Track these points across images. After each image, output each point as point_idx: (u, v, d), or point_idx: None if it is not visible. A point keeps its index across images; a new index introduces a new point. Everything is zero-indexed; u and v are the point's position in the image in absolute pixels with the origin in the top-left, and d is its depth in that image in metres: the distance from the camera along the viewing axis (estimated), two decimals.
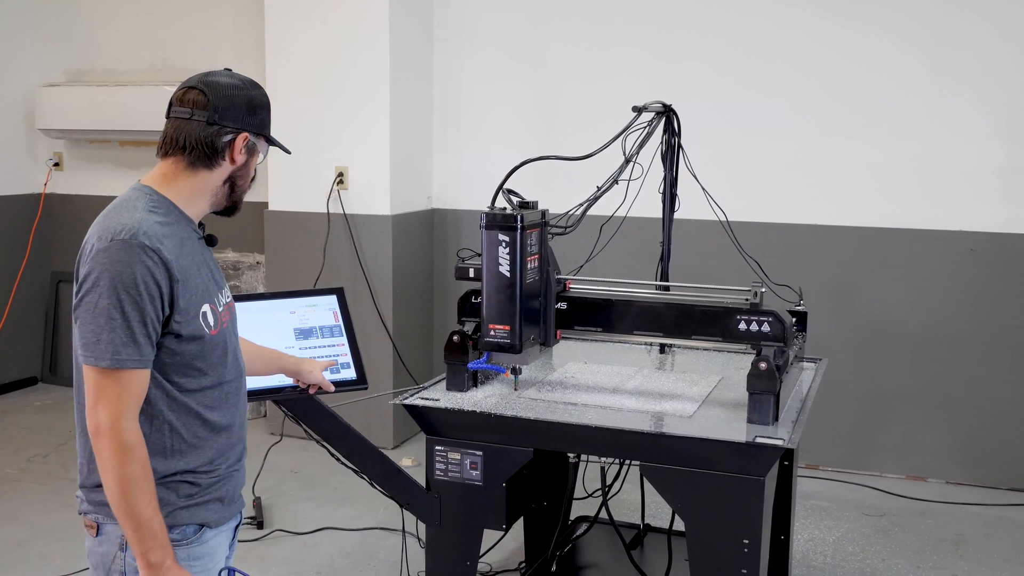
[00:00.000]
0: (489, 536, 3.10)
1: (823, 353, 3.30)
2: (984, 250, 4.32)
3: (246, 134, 1.81)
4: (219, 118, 1.77)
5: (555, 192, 2.79)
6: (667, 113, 3.02)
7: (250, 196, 1.98)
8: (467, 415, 2.58)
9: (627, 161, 2.83)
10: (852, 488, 4.40)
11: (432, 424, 2.64)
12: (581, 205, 2.75)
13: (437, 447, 2.63)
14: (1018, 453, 4.36)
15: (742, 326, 2.55)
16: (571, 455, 2.70)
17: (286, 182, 4.85)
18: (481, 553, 3.46)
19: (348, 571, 3.55)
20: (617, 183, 2.81)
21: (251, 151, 1.84)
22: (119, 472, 1.65)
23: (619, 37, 4.73)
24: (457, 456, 2.61)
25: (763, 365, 2.44)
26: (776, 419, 2.46)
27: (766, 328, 2.53)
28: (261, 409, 5.10)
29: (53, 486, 4.35)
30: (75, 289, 1.70)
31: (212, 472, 1.82)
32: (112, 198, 1.79)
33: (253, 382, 2.39)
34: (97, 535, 1.79)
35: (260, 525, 3.87)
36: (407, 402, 2.65)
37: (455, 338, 2.71)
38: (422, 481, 2.70)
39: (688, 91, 4.36)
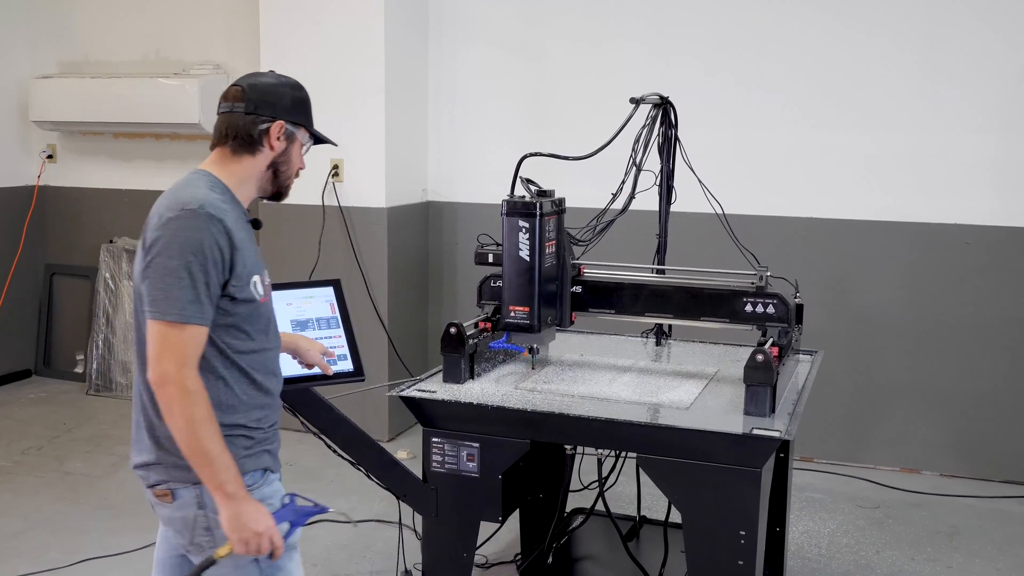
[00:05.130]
0: (485, 528, 3.10)
1: (818, 345, 3.31)
2: (978, 243, 4.33)
3: (282, 122, 2.00)
4: (255, 108, 1.98)
5: (553, 183, 2.80)
6: (664, 105, 3.02)
7: None
8: (464, 407, 2.58)
9: (638, 169, 2.94)
10: (846, 480, 4.41)
11: (429, 416, 2.64)
12: (598, 218, 2.93)
13: (434, 439, 2.62)
14: (1012, 445, 4.38)
15: (748, 308, 2.73)
16: (568, 447, 2.70)
17: None
18: (477, 545, 3.48)
19: (345, 563, 3.55)
20: (635, 196, 2.95)
21: (290, 139, 2.03)
22: (188, 414, 1.81)
23: (614, 31, 4.73)
24: (454, 448, 2.61)
25: (760, 357, 2.44)
26: (773, 411, 2.47)
27: (771, 310, 2.71)
28: None
29: (47, 478, 4.34)
30: (142, 254, 1.87)
31: (260, 428, 2.00)
32: (106, 190, 1.85)
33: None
34: (173, 500, 1.93)
35: None
36: (404, 394, 2.65)
37: (452, 330, 2.71)
38: (418, 473, 2.70)
39: (683, 85, 4.35)
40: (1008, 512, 4.09)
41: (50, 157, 5.85)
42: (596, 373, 2.87)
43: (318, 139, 2.11)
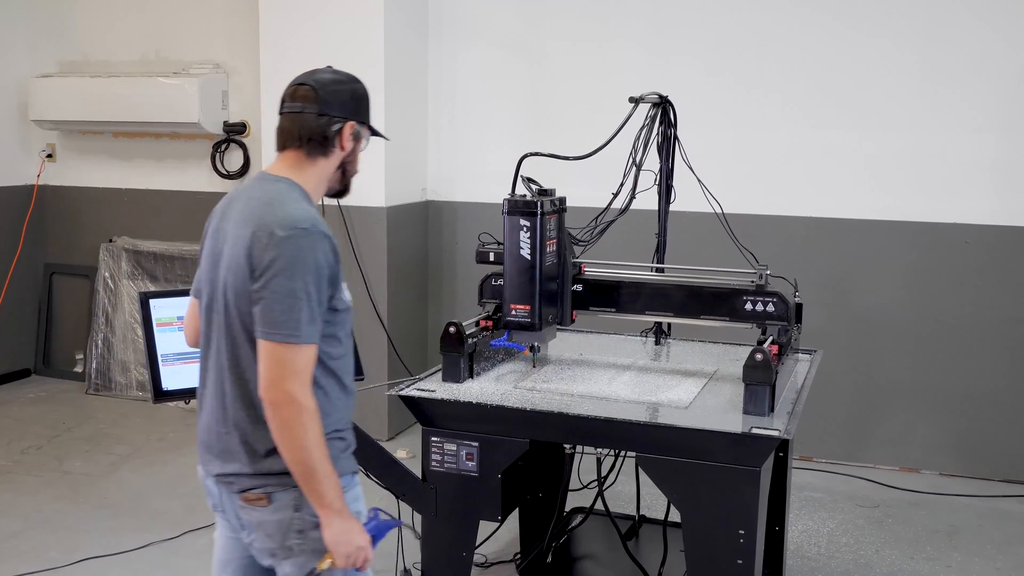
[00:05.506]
0: (484, 527, 3.10)
1: (818, 345, 3.31)
2: (978, 242, 4.33)
3: (352, 123, 2.00)
4: (327, 109, 1.96)
5: (554, 183, 2.81)
6: (663, 104, 3.02)
7: None
8: (463, 406, 2.58)
9: (638, 168, 2.95)
10: (846, 480, 4.41)
11: (428, 415, 2.64)
12: (598, 218, 2.94)
13: (433, 438, 2.63)
14: (1011, 445, 4.38)
15: (748, 306, 2.75)
16: (567, 446, 2.70)
17: None
18: (476, 544, 3.48)
19: None
20: (635, 196, 2.96)
21: (357, 138, 2.03)
22: (308, 435, 1.83)
23: (614, 31, 4.73)
24: (453, 447, 2.61)
25: (759, 356, 2.44)
26: (772, 410, 2.47)
27: (771, 308, 2.72)
28: None
29: (47, 478, 4.33)
30: (256, 274, 1.84)
31: (347, 428, 2.04)
32: (105, 189, 1.83)
33: None
34: (270, 504, 1.93)
35: None
36: (403, 393, 2.65)
37: (451, 329, 2.71)
38: (417, 472, 2.70)
39: (683, 84, 4.35)
40: (1007, 511, 4.09)
41: (50, 156, 5.84)
42: (595, 372, 2.87)
43: (374, 133, 2.10)
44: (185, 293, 2.19)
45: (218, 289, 1.93)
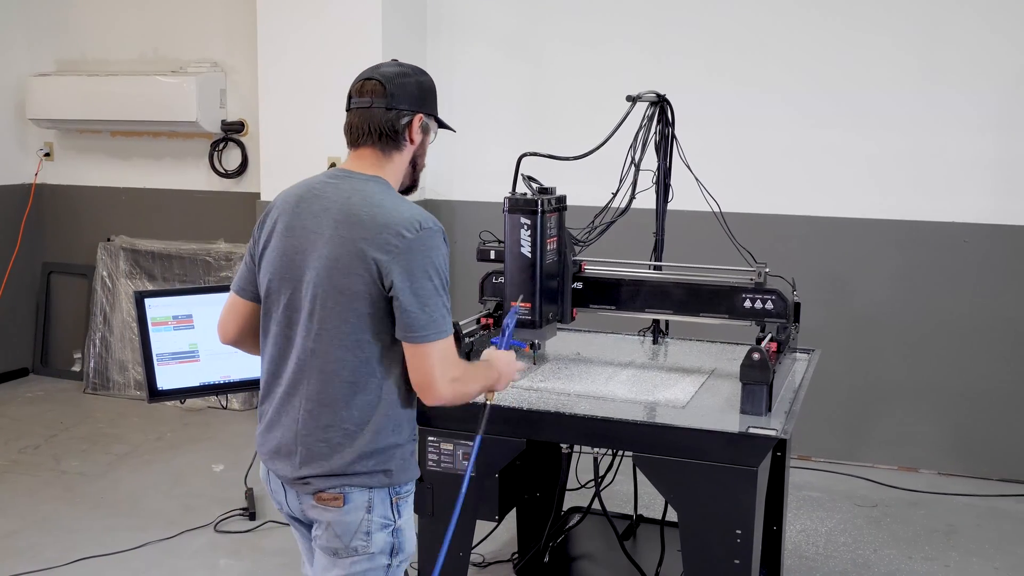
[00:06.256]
0: (482, 527, 3.09)
1: (816, 344, 3.30)
2: (977, 241, 4.32)
3: (420, 115, 1.98)
4: (396, 103, 1.94)
5: (553, 181, 2.81)
6: (661, 103, 3.01)
7: (243, 187, 2.00)
8: (459, 405, 2.56)
9: (637, 167, 2.95)
10: (844, 479, 4.41)
11: (425, 415, 2.61)
12: (596, 218, 2.95)
13: (430, 438, 2.61)
14: (1009, 444, 4.38)
15: (747, 304, 2.77)
16: (564, 446, 2.69)
17: (279, 172, 4.81)
18: (474, 544, 3.47)
19: None
20: (635, 196, 2.97)
21: (425, 130, 2.02)
22: (473, 394, 2.03)
23: (612, 31, 4.72)
24: (450, 447, 2.60)
25: (756, 355, 2.43)
26: (769, 410, 2.46)
27: (769, 306, 2.74)
28: (253, 400, 5.08)
29: (43, 478, 4.33)
30: (387, 277, 1.85)
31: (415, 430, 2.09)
32: (104, 188, 1.80)
33: (246, 372, 2.36)
34: (344, 505, 1.93)
35: (252, 516, 3.86)
36: None
37: None
38: None
39: (682, 84, 4.34)
40: (1006, 510, 4.09)
41: (47, 155, 5.84)
42: (593, 371, 2.86)
43: (441, 125, 2.09)
44: (182, 292, 2.19)
45: (304, 288, 1.90)
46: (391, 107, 1.94)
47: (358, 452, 1.91)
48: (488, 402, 2.16)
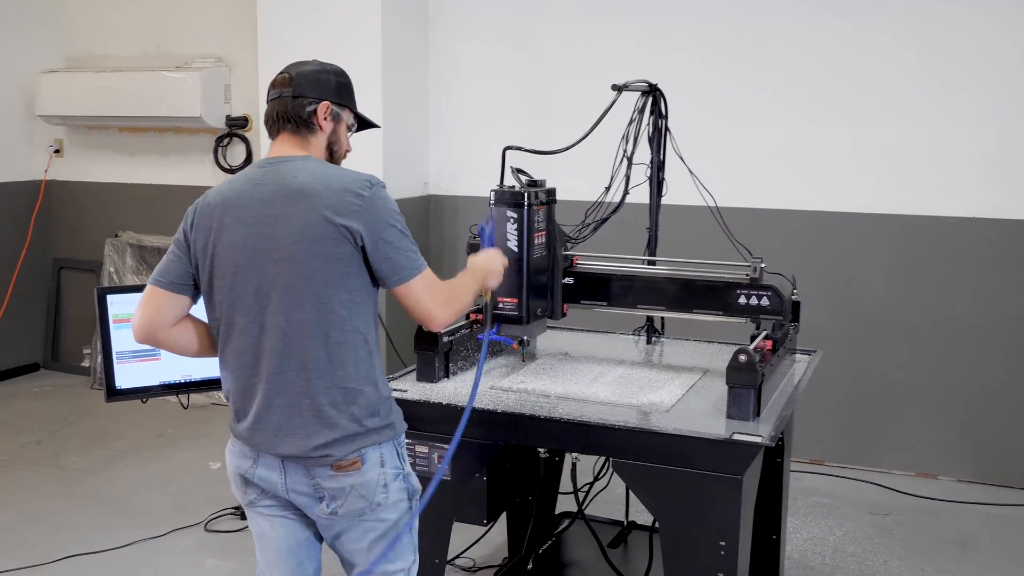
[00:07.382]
0: (474, 531, 3.00)
1: (820, 344, 3.17)
2: (981, 237, 4.15)
3: (327, 103, 2.07)
4: (301, 91, 2.05)
5: (546, 174, 2.72)
6: (653, 93, 2.89)
7: None
8: (435, 407, 2.48)
9: (630, 162, 2.87)
10: (858, 485, 4.24)
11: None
12: (590, 215, 2.86)
13: (405, 440, 2.52)
14: None
15: (742, 300, 2.65)
16: (541, 450, 2.59)
17: None
18: (465, 548, 3.38)
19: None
20: (628, 191, 2.89)
21: (336, 119, 2.09)
22: (466, 304, 2.16)
23: (610, 25, 4.65)
24: (425, 449, 2.51)
25: (743, 357, 2.30)
26: (758, 414, 2.33)
27: (765, 302, 2.62)
28: None
29: (42, 473, 4.32)
30: (356, 234, 1.94)
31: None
32: (112, 184, 1.80)
33: (208, 371, 2.27)
34: (363, 465, 2.00)
35: (243, 516, 3.80)
36: None
37: (424, 327, 2.60)
38: None
39: (679, 77, 4.22)
40: None
41: (57, 151, 5.85)
42: (579, 372, 2.74)
43: (363, 123, 2.19)
44: (144, 288, 2.10)
45: (276, 268, 1.94)
46: (297, 95, 2.04)
47: (367, 409, 1.99)
48: (487, 299, 2.28)
